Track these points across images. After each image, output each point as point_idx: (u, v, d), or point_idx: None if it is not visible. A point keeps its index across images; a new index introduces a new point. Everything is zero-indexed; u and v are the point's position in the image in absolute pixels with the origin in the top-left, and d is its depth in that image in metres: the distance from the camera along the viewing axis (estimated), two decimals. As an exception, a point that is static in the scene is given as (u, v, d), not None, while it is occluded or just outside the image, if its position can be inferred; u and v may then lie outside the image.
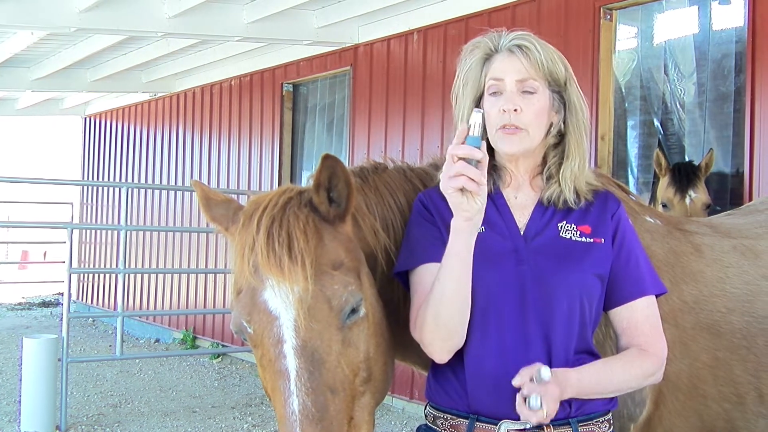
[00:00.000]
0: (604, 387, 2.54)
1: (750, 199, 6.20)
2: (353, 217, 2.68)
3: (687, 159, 7.87)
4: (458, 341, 2.53)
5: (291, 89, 11.92)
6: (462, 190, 2.30)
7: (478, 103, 2.70)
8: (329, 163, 2.50)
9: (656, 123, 8.57)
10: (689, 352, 3.12)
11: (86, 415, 9.21)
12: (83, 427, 8.72)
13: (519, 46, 2.64)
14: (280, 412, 2.38)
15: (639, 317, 2.63)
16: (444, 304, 2.46)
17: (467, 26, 8.64)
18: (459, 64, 2.78)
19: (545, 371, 2.35)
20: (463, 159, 2.29)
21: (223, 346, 12.48)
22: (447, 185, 2.32)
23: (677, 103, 8.41)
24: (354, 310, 2.46)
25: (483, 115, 2.39)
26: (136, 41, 11.70)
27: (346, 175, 2.53)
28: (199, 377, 11.38)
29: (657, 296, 2.71)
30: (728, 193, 7.81)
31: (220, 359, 12.39)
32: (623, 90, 8.58)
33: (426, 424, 2.74)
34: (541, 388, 2.34)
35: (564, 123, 2.70)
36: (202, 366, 12.12)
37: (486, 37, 2.73)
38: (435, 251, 2.56)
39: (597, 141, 7.45)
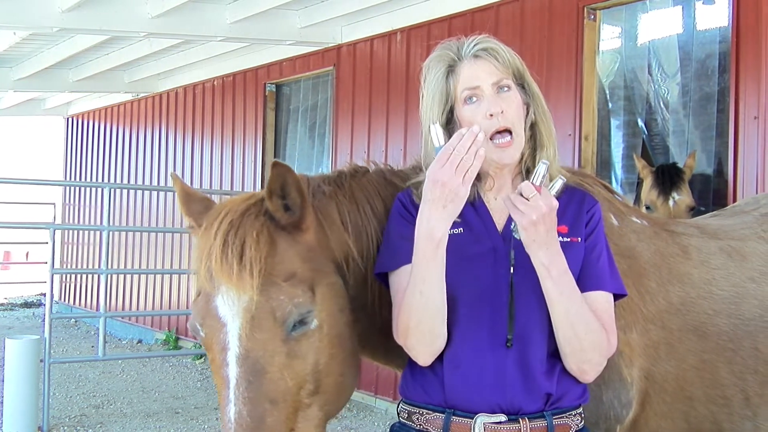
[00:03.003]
0: (572, 304, 2.48)
1: (734, 200, 6.21)
2: (320, 225, 2.67)
3: (671, 160, 7.86)
4: (441, 343, 2.53)
5: (274, 89, 11.89)
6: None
7: (449, 116, 2.69)
8: (279, 171, 2.47)
9: (640, 123, 8.57)
10: (676, 354, 3.11)
11: (68, 416, 9.16)
12: (65, 428, 8.67)
13: (485, 49, 2.66)
14: (221, 418, 2.41)
15: (597, 307, 2.58)
16: (428, 309, 2.45)
17: (451, 26, 8.63)
18: (422, 81, 2.79)
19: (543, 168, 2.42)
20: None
21: (206, 347, 12.39)
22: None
23: (661, 104, 8.40)
24: (302, 322, 2.44)
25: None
26: (118, 41, 11.66)
27: (297, 183, 2.50)
28: (182, 378, 11.34)
29: (616, 298, 2.67)
30: (711, 193, 7.82)
31: (202, 360, 12.34)
32: (607, 90, 8.58)
33: (400, 422, 2.72)
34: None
35: (533, 114, 2.71)
36: (184, 367, 12.08)
37: (444, 49, 2.74)
38: None
39: (581, 141, 7.46)
